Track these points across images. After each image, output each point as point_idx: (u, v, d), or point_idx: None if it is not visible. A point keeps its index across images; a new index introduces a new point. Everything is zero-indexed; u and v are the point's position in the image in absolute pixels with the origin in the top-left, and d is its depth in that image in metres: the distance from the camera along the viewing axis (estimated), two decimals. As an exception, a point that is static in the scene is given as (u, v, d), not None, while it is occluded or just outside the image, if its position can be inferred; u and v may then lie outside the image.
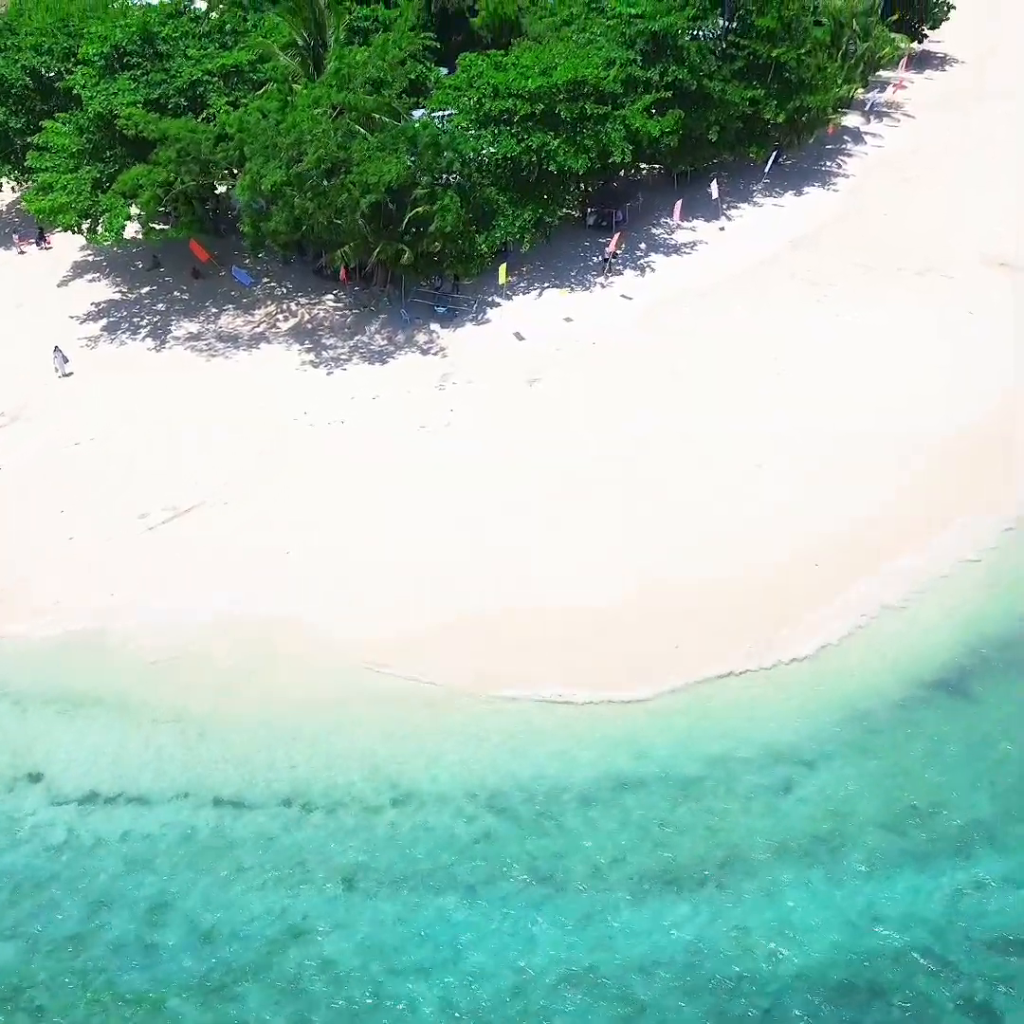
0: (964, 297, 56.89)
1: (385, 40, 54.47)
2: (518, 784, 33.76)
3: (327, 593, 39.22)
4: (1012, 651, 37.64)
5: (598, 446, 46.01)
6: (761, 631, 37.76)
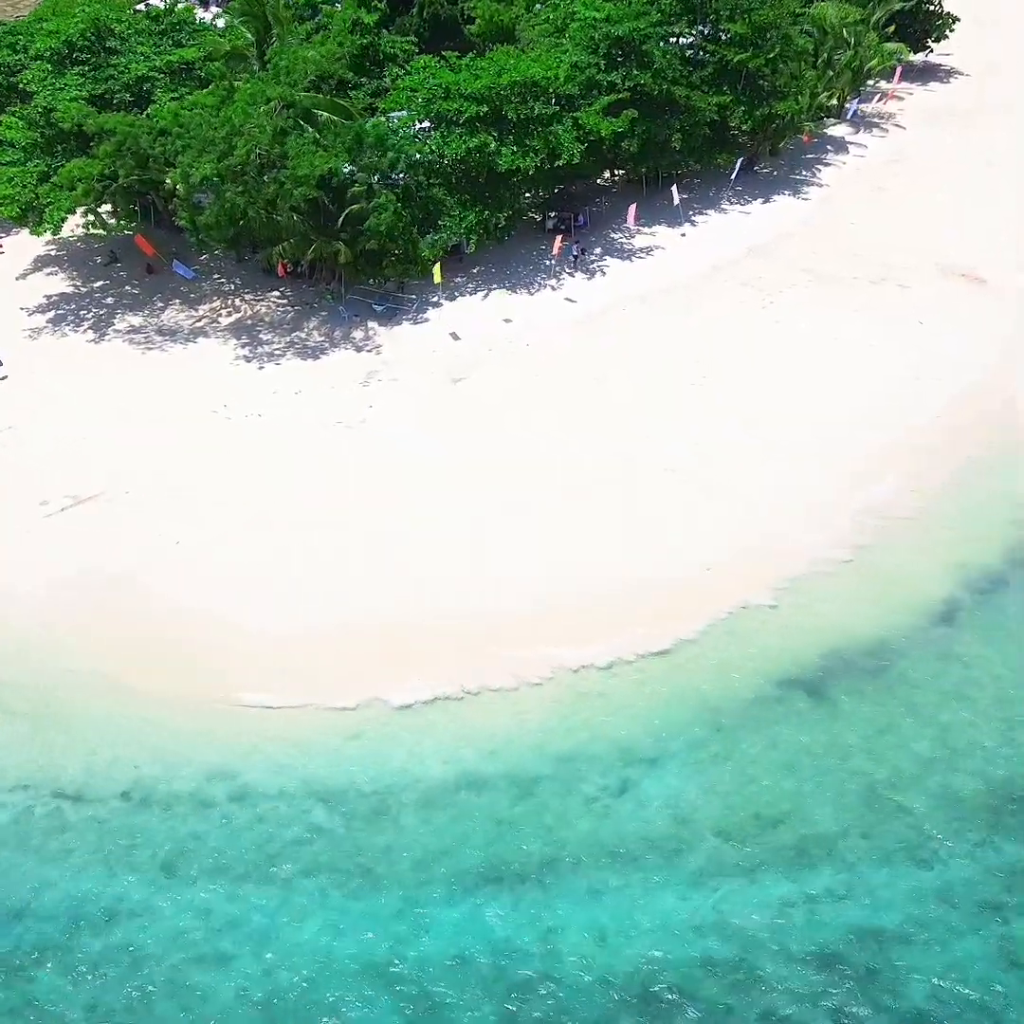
0: (917, 307, 55.79)
1: (324, 37, 54.41)
2: (359, 781, 33.17)
3: (211, 583, 39.12)
4: (876, 657, 36.56)
5: (506, 445, 45.82)
6: (627, 627, 36.90)
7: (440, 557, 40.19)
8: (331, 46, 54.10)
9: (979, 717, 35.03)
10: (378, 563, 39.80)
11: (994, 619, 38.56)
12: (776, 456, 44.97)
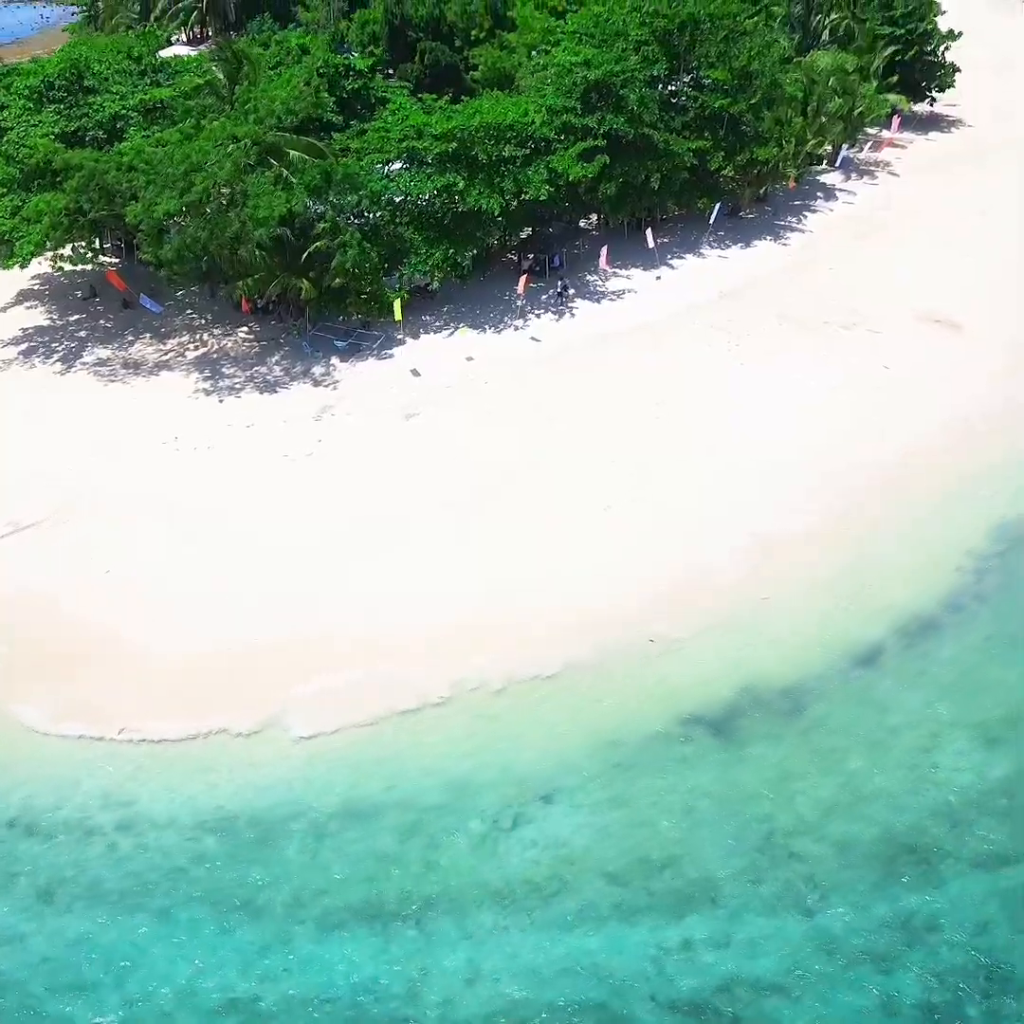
0: (885, 352, 55.22)
1: (290, 75, 55.20)
2: (250, 810, 32.85)
3: (131, 611, 39.40)
4: (790, 698, 35.83)
5: (446, 480, 45.76)
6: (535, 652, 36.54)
7: (362, 584, 40.15)
8: (297, 85, 54.62)
9: (889, 764, 34.12)
10: (301, 591, 39.64)
11: (919, 665, 37.72)
12: (715, 494, 44.46)
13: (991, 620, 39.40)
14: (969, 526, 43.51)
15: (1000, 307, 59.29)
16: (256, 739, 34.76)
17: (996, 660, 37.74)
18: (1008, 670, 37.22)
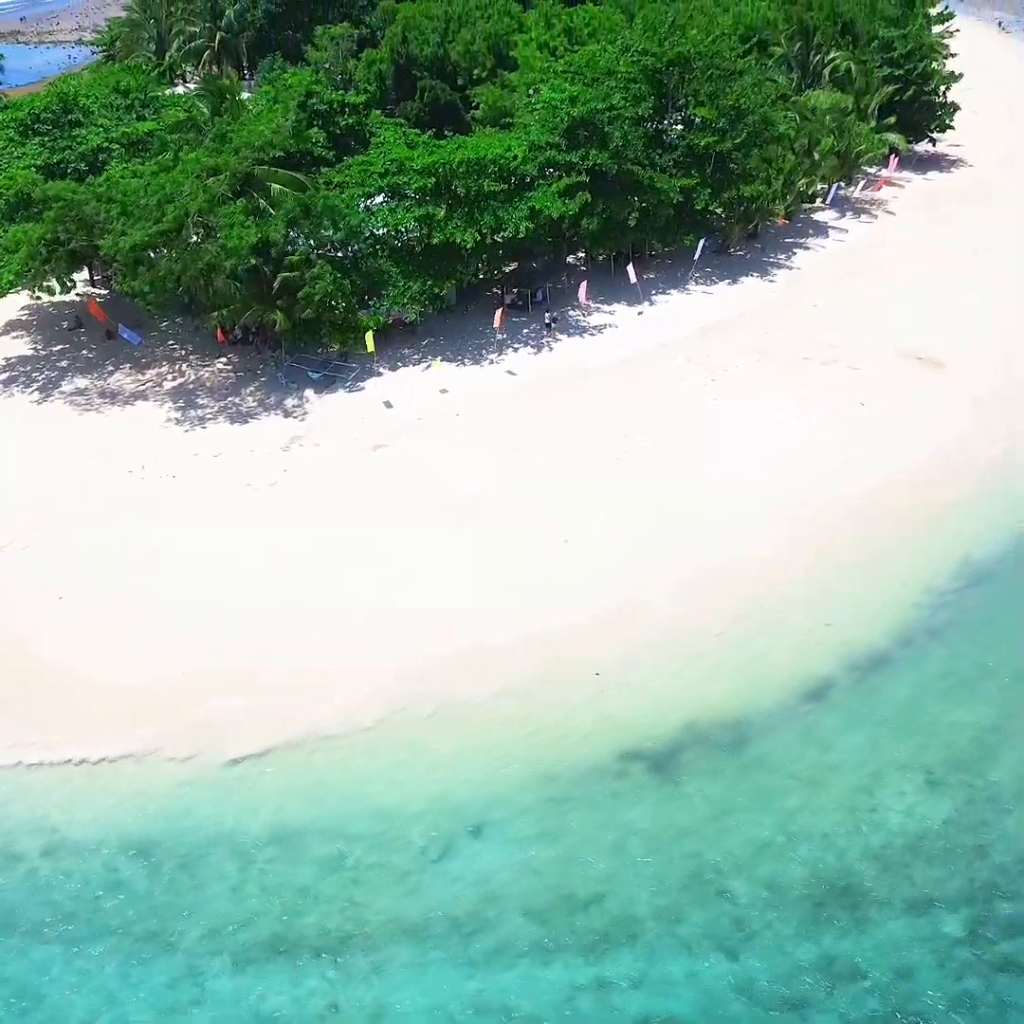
0: (863, 389, 54.81)
1: (269, 109, 55.68)
2: (177, 838, 32.53)
3: (79, 636, 39.30)
4: (733, 734, 35.20)
5: (411, 511, 45.62)
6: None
7: (310, 613, 40.17)
8: (275, 120, 55.07)
9: (827, 804, 33.45)
10: (245, 618, 39.58)
11: (868, 702, 37.03)
12: (674, 529, 44.17)
13: (944, 658, 38.72)
14: (932, 563, 42.95)
15: (985, 346, 58.82)
16: (189, 763, 34.45)
17: (946, 699, 37.02)
18: (957, 710, 36.48)
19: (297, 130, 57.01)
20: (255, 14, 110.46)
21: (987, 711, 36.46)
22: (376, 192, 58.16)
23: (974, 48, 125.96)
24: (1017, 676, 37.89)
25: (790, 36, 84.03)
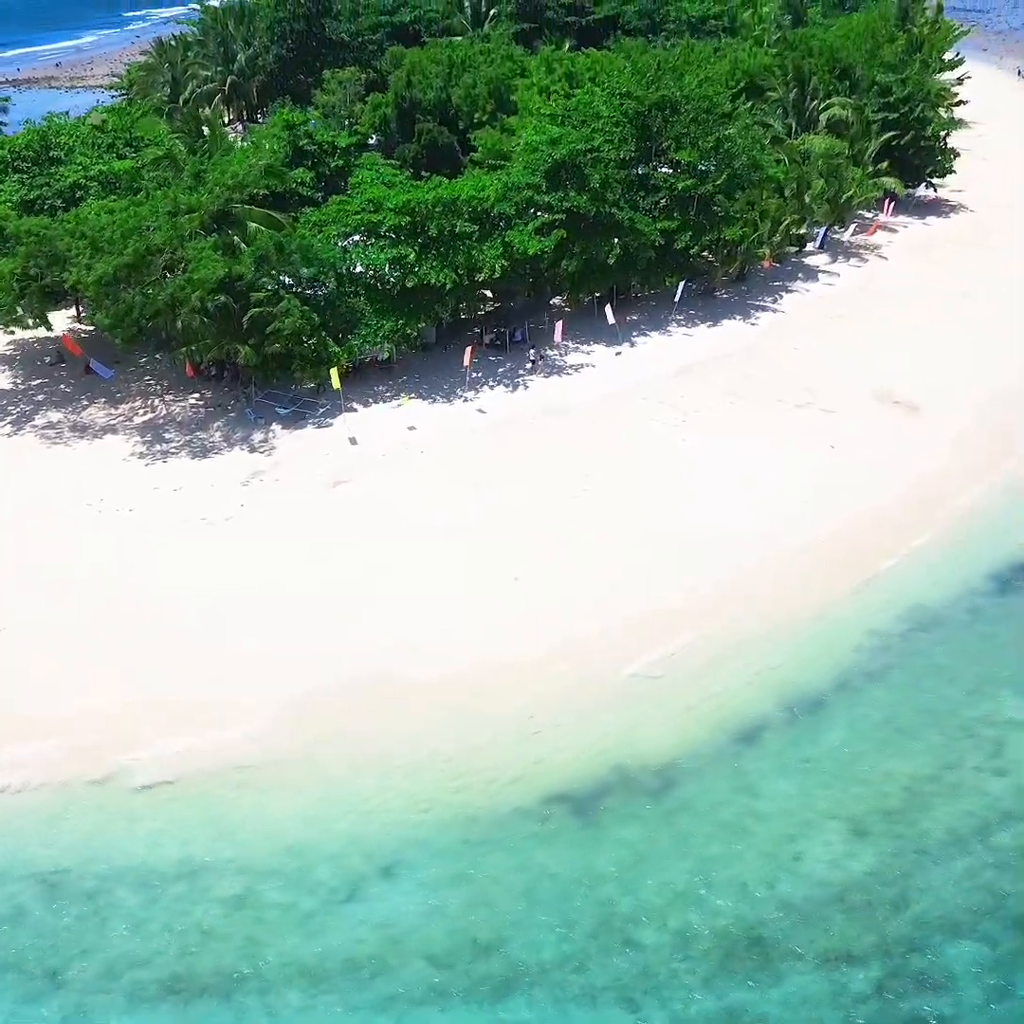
0: (835, 432, 54.18)
1: (245, 150, 56.13)
2: (82, 867, 32.16)
3: (14, 668, 38.96)
4: (662, 778, 34.55)
5: (363, 548, 45.39)
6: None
7: (243, 645, 39.89)
8: (250, 159, 55.55)
9: (749, 853, 32.57)
10: (170, 650, 39.27)
11: (802, 748, 36.21)
12: (624, 565, 43.83)
13: (883, 704, 37.92)
14: (880, 606, 42.18)
15: (964, 391, 58.06)
16: (100, 789, 33.92)
17: (883, 747, 36.19)
18: (893, 759, 35.61)
19: (271, 169, 57.23)
20: (266, 59, 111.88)
21: (925, 760, 35.52)
22: (352, 231, 58.19)
23: (992, 96, 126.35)
24: (961, 725, 36.94)
25: (786, 82, 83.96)
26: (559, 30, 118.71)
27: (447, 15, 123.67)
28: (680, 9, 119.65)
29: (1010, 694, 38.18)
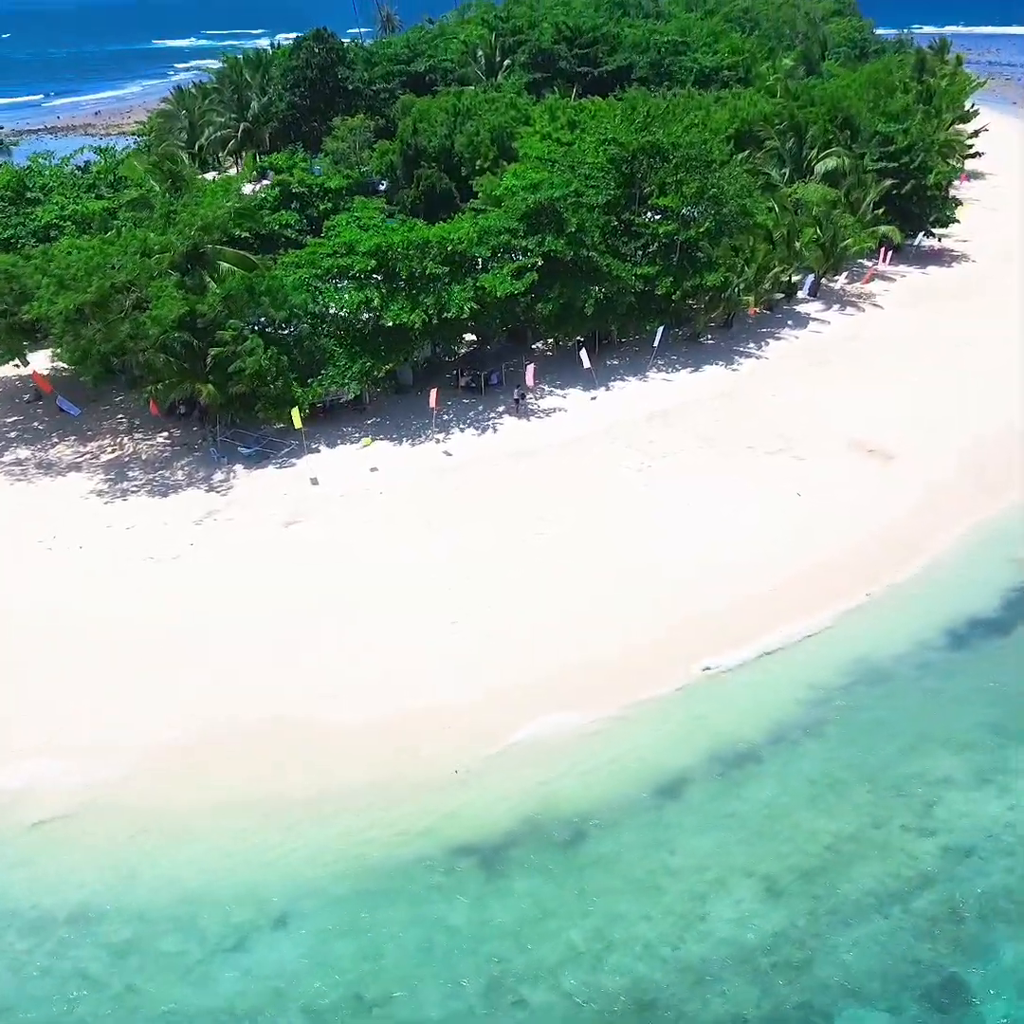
0: (803, 479, 53.10)
1: (213, 192, 56.38)
2: None
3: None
4: (576, 831, 33.60)
5: (307, 589, 44.84)
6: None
7: (150, 683, 39.27)
8: (218, 201, 55.75)
9: (657, 911, 31.44)
10: (88, 688, 38.88)
11: (726, 803, 35.04)
12: (565, 612, 43.01)
13: (816, 759, 36.60)
14: (826, 658, 40.95)
15: (942, 441, 56.90)
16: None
17: (811, 804, 34.93)
18: (817, 816, 34.35)
19: (244, 211, 57.40)
20: (279, 106, 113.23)
21: (851, 819, 34.23)
22: (324, 273, 58.20)
23: (1013, 148, 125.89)
24: (893, 783, 35.62)
25: (782, 131, 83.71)
26: (572, 80, 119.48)
27: (462, 64, 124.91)
28: (693, 60, 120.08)
29: (947, 752, 36.69)
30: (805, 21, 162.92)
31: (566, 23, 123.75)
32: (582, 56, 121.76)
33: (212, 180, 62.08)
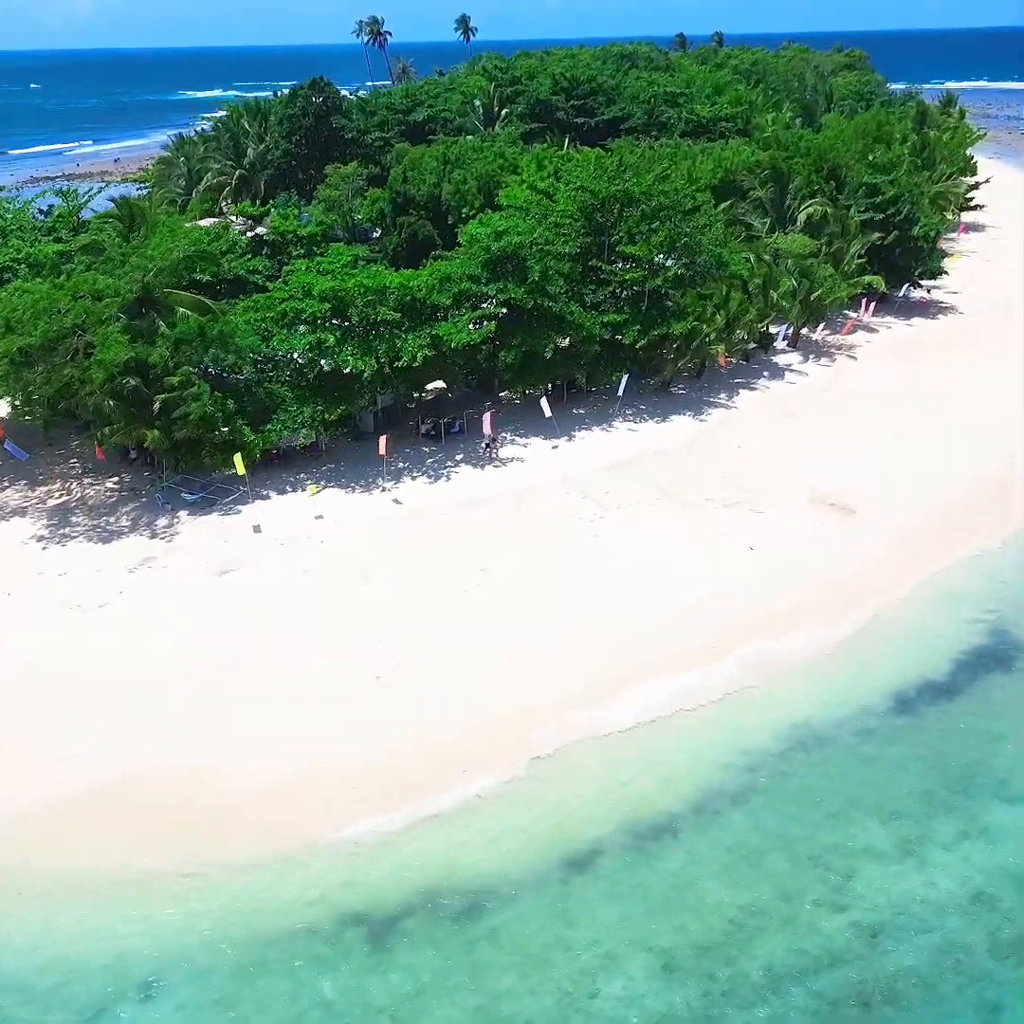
0: (758, 533, 51.66)
1: (162, 236, 55.98)
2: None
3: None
4: (473, 903, 32.04)
5: (231, 640, 43.77)
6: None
7: (41, 731, 38.00)
8: (166, 244, 55.29)
9: (545, 987, 29.78)
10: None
11: (633, 874, 33.30)
12: (490, 666, 41.77)
13: (736, 829, 34.91)
14: (761, 722, 39.24)
15: (908, 497, 55.27)
16: None
17: (722, 875, 33.25)
18: (727, 888, 32.68)
19: (201, 255, 56.89)
20: (275, 154, 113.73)
21: (762, 892, 32.51)
22: (278, 316, 57.56)
23: (1019, 201, 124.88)
24: (811, 853, 33.88)
25: (764, 181, 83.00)
26: (568, 131, 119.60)
27: (461, 114, 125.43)
28: (690, 111, 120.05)
29: (874, 821, 35.01)
30: (814, 74, 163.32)
31: (564, 74, 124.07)
32: (579, 107, 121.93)
33: (163, 221, 60.94)
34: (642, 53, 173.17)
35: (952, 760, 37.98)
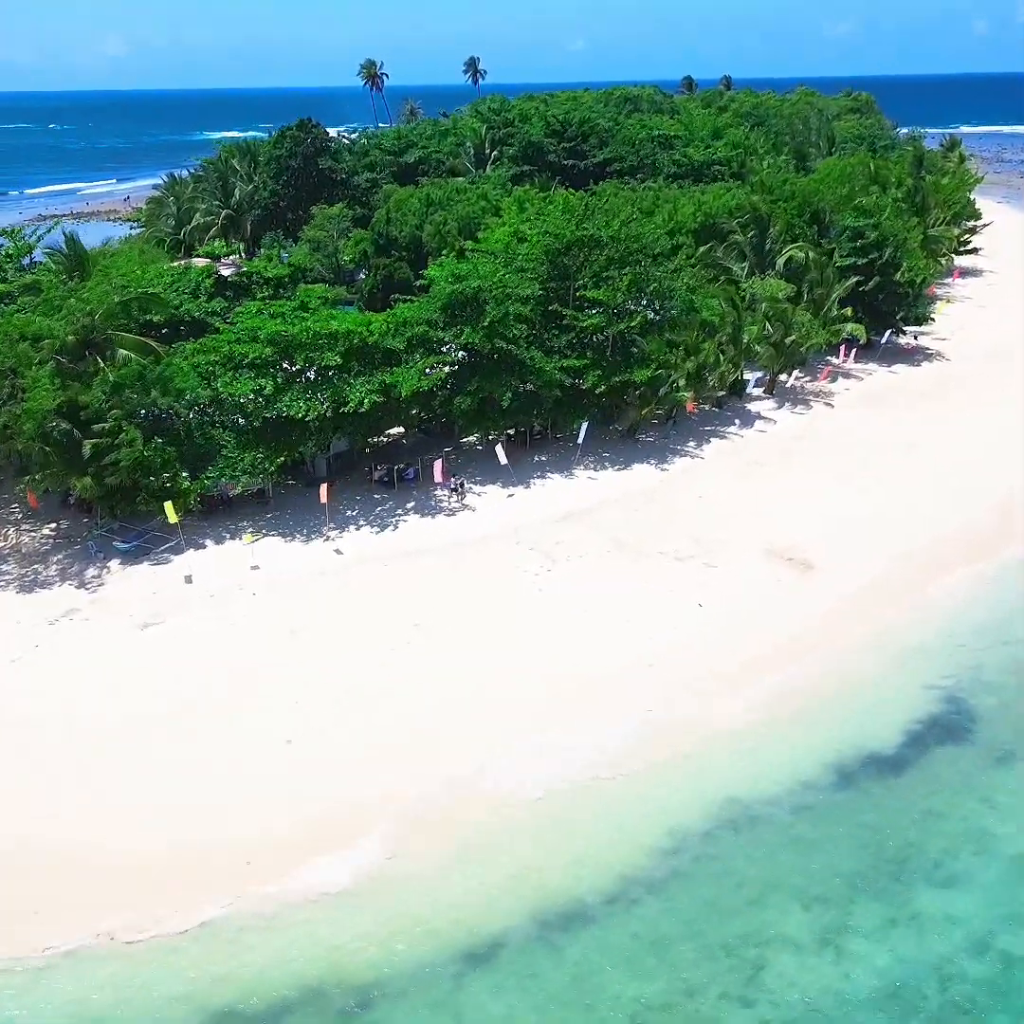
0: (708, 588, 49.54)
1: (97, 279, 54.67)
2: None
3: None
4: (359, 996, 29.76)
5: (149, 698, 41.94)
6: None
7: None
8: (103, 287, 53.95)
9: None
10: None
11: (533, 966, 31.11)
12: (412, 731, 39.81)
13: (648, 916, 32.61)
14: (691, 799, 36.95)
15: (869, 551, 53.14)
16: None
17: (624, 965, 31.05)
18: (629, 980, 30.49)
19: (147, 298, 55.46)
20: (263, 194, 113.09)
21: (665, 984, 30.21)
22: (224, 360, 56.02)
23: (1020, 247, 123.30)
24: (724, 942, 31.55)
25: (744, 224, 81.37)
26: (558, 173, 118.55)
27: (454, 155, 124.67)
28: (683, 154, 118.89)
29: (794, 907, 32.71)
30: (818, 118, 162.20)
31: (556, 116, 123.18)
32: (570, 149, 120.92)
33: (100, 264, 59.61)
34: (645, 96, 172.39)
35: (888, 840, 35.64)
